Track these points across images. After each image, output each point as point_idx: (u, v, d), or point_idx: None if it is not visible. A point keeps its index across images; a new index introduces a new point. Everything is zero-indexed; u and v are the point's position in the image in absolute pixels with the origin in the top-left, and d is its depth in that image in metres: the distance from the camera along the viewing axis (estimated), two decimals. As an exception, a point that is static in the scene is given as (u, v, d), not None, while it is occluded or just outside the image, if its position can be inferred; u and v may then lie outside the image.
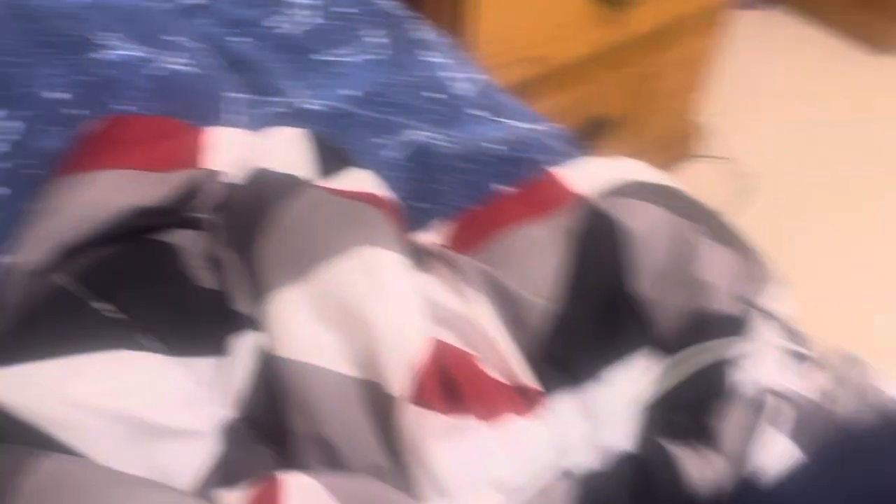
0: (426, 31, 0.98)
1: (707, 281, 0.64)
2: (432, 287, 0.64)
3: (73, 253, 0.59)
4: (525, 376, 0.61)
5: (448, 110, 0.87)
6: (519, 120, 0.88)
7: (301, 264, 0.59)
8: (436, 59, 0.93)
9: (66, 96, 0.67)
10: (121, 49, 0.72)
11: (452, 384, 0.58)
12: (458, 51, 1.02)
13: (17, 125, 0.65)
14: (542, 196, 0.73)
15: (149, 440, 0.52)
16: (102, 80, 0.69)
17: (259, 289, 0.59)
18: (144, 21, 0.78)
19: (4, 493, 0.45)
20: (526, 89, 1.50)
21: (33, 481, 0.45)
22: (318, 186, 0.67)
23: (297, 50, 0.90)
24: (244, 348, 0.58)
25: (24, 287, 0.57)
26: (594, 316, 0.64)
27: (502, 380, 0.61)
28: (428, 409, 0.54)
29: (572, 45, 1.47)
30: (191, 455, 0.53)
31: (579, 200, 0.70)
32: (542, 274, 0.65)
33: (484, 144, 0.80)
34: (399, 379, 0.54)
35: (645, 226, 0.66)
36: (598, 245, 0.66)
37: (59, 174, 0.64)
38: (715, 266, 0.65)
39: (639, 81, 1.65)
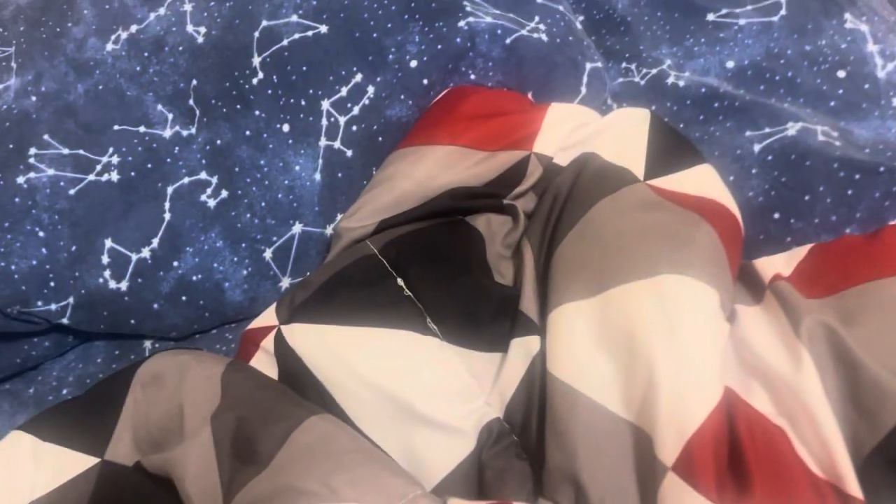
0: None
1: None
2: (754, 330, 0.53)
3: (392, 225, 0.62)
4: (849, 476, 0.47)
5: (858, 96, 0.68)
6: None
7: (599, 280, 0.53)
8: (860, 25, 0.73)
9: (421, 65, 0.69)
10: (486, 16, 0.71)
11: (740, 461, 0.47)
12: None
13: (370, 90, 0.69)
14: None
15: (411, 424, 0.53)
16: (458, 50, 0.69)
17: (550, 295, 0.55)
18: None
19: (281, 439, 0.50)
20: None
21: (306, 437, 0.50)
22: (648, 186, 0.59)
23: (688, 8, 0.79)
24: (521, 353, 0.55)
25: (342, 250, 0.62)
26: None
27: (815, 470, 0.48)
28: (697, 491, 0.45)
29: None
30: (446, 449, 0.53)
31: None
32: (919, 352, 0.49)
33: (888, 150, 0.62)
34: (670, 444, 0.46)
35: None
36: None
37: (399, 144, 0.67)
38: None
39: None
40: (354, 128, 0.69)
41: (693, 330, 0.49)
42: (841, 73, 0.70)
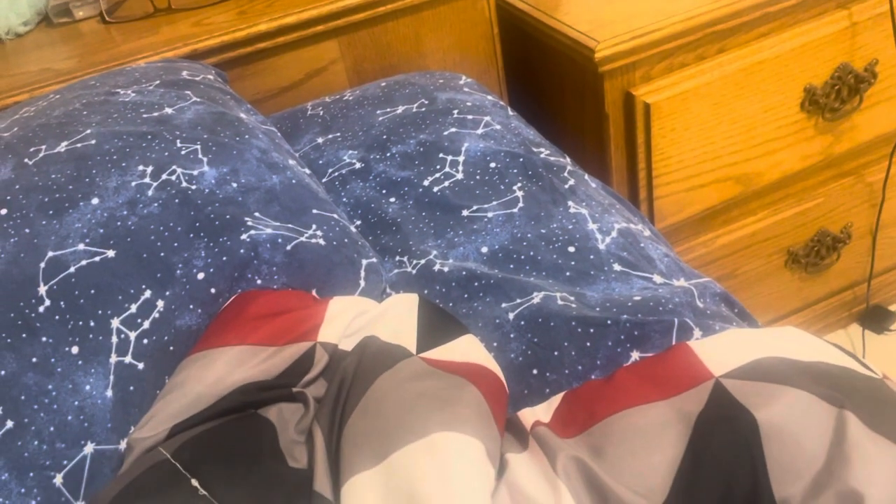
0: (578, 179, 0.96)
1: (861, 493, 0.51)
2: (522, 473, 0.59)
3: (185, 428, 0.64)
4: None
5: (584, 265, 0.82)
6: (666, 276, 0.81)
7: (381, 448, 0.58)
8: (581, 209, 0.89)
9: (208, 276, 0.75)
10: (267, 228, 0.79)
11: None
12: (614, 197, 0.98)
13: (160, 303, 0.73)
14: (669, 373, 0.65)
15: None
16: (242, 260, 0.76)
17: (341, 471, 0.59)
18: (296, 198, 0.85)
19: None
20: (726, 211, 1.39)
21: None
22: (420, 359, 0.67)
23: (447, 207, 0.92)
24: (320, 534, 0.57)
25: (134, 461, 0.62)
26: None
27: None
28: None
29: (783, 160, 1.36)
30: None
31: (710, 381, 0.62)
32: (652, 468, 0.57)
33: (613, 306, 0.74)
34: None
35: (779, 416, 0.56)
36: (719, 438, 0.57)
37: (191, 351, 0.71)
38: (875, 473, 0.52)
39: (868, 192, 1.46)
40: (145, 341, 0.72)
41: (463, 477, 0.55)
42: (571, 249, 0.84)
